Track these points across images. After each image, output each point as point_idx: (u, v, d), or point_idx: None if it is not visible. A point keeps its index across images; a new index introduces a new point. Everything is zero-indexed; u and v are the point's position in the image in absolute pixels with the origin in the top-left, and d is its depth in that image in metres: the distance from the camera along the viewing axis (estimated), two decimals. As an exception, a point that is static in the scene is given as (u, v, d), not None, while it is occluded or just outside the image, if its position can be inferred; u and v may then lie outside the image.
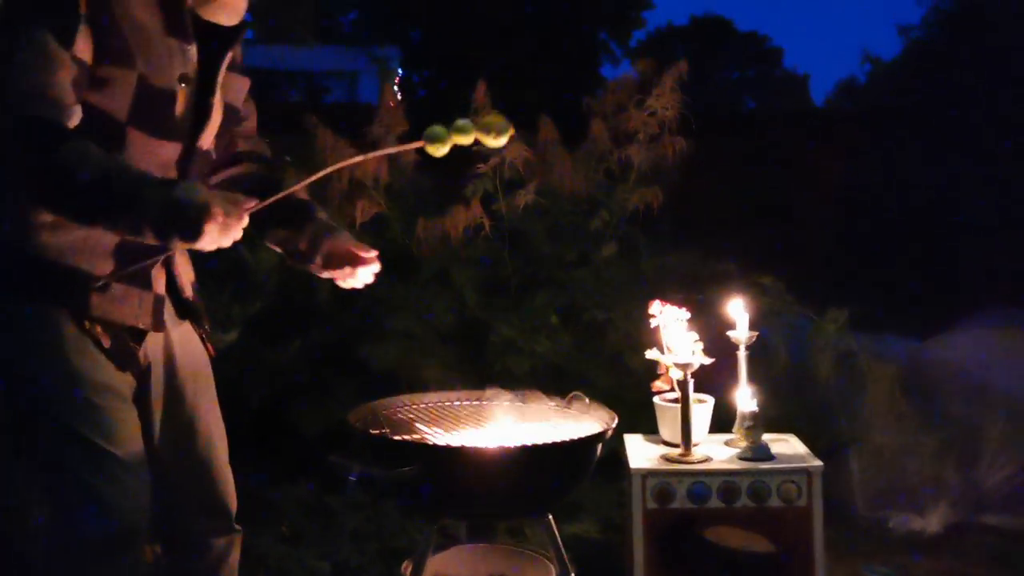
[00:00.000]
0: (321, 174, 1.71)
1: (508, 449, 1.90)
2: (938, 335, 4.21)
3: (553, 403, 2.22)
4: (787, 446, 2.43)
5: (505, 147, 3.54)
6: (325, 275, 1.87)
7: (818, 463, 2.29)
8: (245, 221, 1.57)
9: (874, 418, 3.50)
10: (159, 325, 1.73)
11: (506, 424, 2.12)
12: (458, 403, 2.28)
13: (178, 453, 1.80)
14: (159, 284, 1.73)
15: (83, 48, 1.54)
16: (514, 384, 2.42)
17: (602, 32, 20.38)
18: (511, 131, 1.68)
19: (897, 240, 7.86)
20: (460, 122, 1.65)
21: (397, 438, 1.99)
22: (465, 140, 1.65)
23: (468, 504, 1.95)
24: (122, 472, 1.64)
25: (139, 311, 1.69)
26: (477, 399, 2.29)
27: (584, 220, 4.00)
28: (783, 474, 2.26)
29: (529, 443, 1.94)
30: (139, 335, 1.71)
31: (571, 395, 2.20)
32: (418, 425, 2.11)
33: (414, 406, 2.25)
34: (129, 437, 1.67)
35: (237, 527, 1.89)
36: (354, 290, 1.99)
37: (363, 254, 1.84)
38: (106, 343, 1.65)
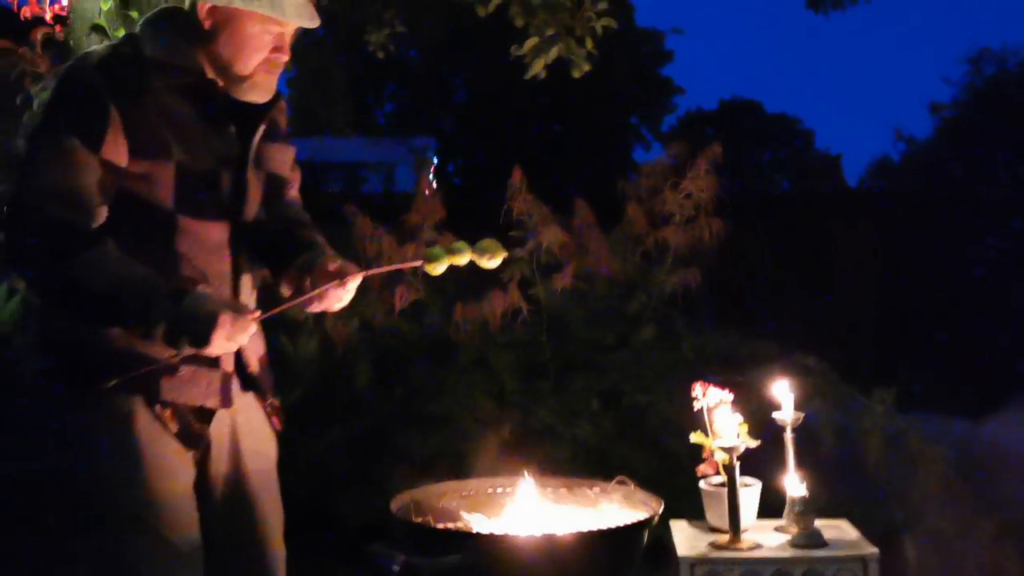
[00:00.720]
0: (316, 292, 1.76)
1: (554, 536, 1.85)
2: (990, 415, 4.10)
3: (596, 489, 2.18)
4: (840, 532, 2.36)
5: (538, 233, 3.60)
6: (317, 310, 1.83)
7: (874, 550, 2.21)
8: (253, 328, 1.66)
9: (927, 501, 3.38)
10: (227, 402, 1.77)
11: (550, 511, 2.08)
12: (500, 490, 2.25)
13: (235, 529, 1.81)
14: (227, 362, 1.76)
15: (111, 150, 1.63)
16: (555, 470, 2.38)
17: (633, 117, 20.70)
18: (504, 253, 1.86)
19: (941, 319, 7.74)
20: (456, 245, 1.83)
21: (440, 526, 1.96)
22: (460, 261, 1.83)
23: (513, 594, 1.90)
24: (179, 565, 1.68)
25: (207, 391, 1.73)
26: (519, 485, 2.25)
27: (622, 303, 3.99)
28: (838, 562, 2.18)
29: (575, 530, 1.89)
30: (207, 415, 1.75)
31: (615, 480, 2.16)
32: (461, 512, 2.08)
33: (456, 493, 2.22)
34: (190, 525, 1.71)
35: None
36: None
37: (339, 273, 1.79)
38: (173, 428, 1.70)
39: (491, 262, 1.85)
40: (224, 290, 1.76)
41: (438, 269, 1.84)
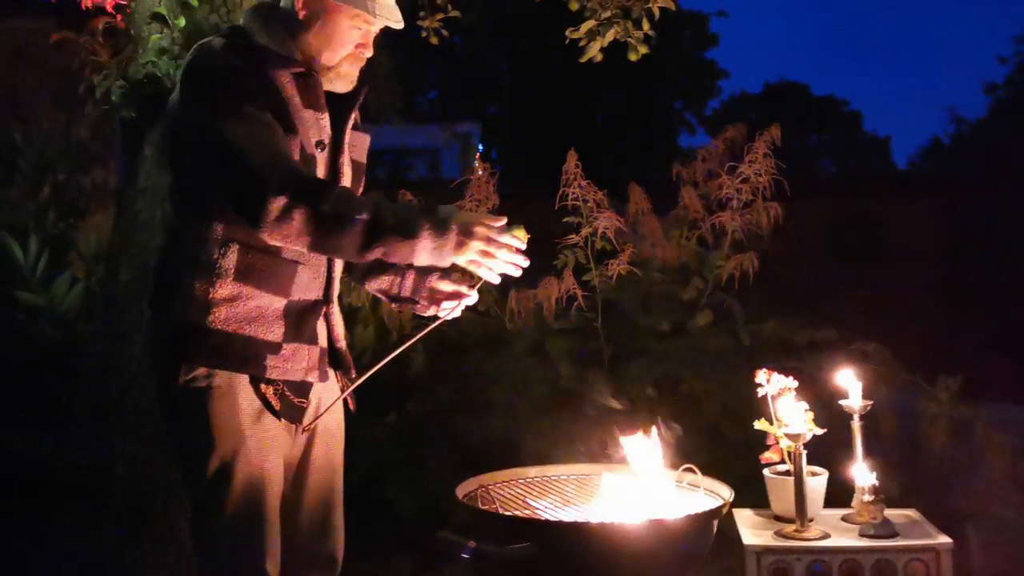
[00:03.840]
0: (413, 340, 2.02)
1: (627, 525, 1.83)
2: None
3: (663, 476, 2.16)
4: (910, 522, 2.32)
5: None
6: (428, 313, 1.97)
7: (947, 540, 2.17)
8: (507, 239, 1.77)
9: (993, 490, 3.31)
10: (324, 375, 1.86)
11: (615, 498, 2.06)
12: (565, 477, 2.24)
13: (302, 499, 1.89)
14: (323, 337, 1.86)
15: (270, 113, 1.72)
16: (613, 457, 2.36)
17: (678, 102, 20.50)
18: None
19: (1003, 303, 7.54)
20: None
21: (509, 514, 1.95)
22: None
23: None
24: (274, 519, 1.77)
25: (308, 365, 1.82)
26: (583, 473, 2.24)
27: (677, 289, 3.95)
28: (909, 552, 2.15)
29: (650, 518, 1.87)
30: (306, 389, 1.83)
31: (683, 467, 2.14)
32: (527, 500, 2.07)
33: (518, 480, 2.21)
34: (274, 500, 1.79)
35: None
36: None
37: (465, 293, 1.97)
38: (276, 405, 1.77)
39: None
40: (320, 270, 1.84)
41: None
